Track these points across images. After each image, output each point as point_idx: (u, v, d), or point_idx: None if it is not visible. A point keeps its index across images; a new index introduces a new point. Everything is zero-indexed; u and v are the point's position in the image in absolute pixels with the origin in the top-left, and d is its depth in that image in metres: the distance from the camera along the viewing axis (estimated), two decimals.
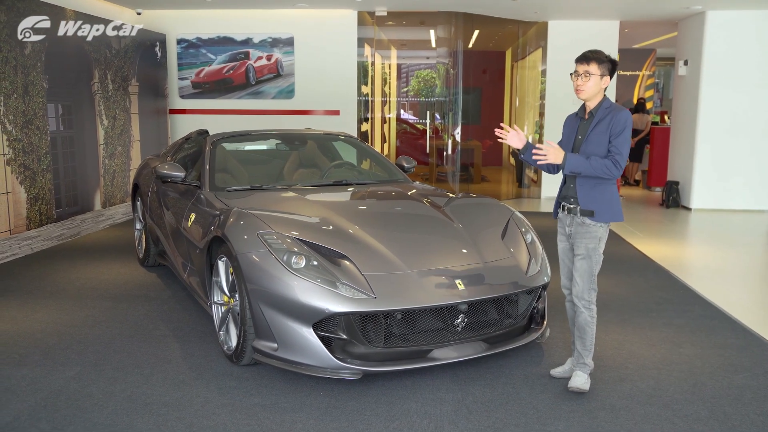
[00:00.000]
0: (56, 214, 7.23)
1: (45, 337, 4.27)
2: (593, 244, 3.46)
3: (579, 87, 3.46)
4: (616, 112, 3.40)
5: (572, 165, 3.38)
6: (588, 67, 3.43)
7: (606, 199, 3.44)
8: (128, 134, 8.89)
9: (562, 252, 3.66)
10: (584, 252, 3.47)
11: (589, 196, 3.44)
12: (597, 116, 3.46)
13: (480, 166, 13.50)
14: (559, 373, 3.70)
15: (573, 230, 3.53)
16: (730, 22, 9.65)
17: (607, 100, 3.49)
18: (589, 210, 3.44)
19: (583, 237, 3.48)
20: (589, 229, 3.46)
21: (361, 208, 4.54)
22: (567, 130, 3.65)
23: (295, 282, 3.41)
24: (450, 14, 10.71)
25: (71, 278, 5.71)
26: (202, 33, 10.38)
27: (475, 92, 15.83)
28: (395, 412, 3.27)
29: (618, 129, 3.37)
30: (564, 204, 3.58)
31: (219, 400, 3.39)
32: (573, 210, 3.51)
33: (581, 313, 3.51)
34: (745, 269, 6.75)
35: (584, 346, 3.52)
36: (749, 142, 9.87)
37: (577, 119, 3.59)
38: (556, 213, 3.68)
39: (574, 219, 3.51)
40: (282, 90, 10.43)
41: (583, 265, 3.47)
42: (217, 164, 4.99)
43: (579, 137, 3.52)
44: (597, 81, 3.43)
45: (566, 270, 3.66)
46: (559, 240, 3.67)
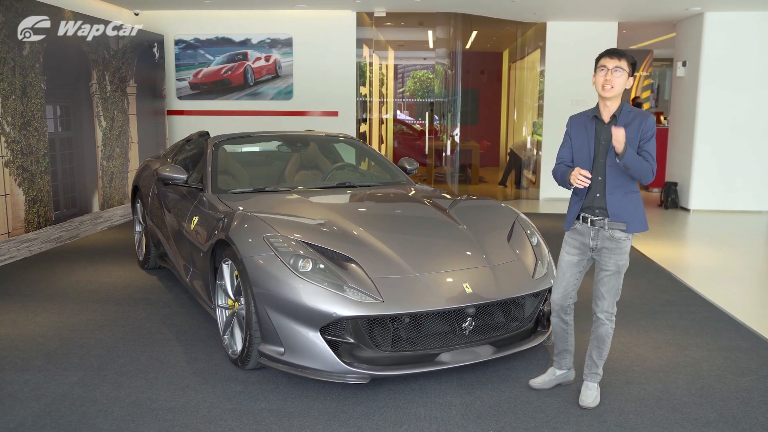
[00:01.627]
0: (54, 216, 7.18)
1: (46, 341, 4.23)
2: (623, 260, 3.28)
3: (608, 82, 3.19)
4: (644, 116, 3.22)
5: (629, 158, 3.10)
6: (619, 62, 3.19)
7: (636, 209, 3.26)
8: (126, 135, 8.85)
9: (568, 266, 3.41)
10: (614, 269, 3.28)
11: (621, 206, 3.23)
12: (621, 120, 3.23)
13: (478, 167, 13.50)
14: (539, 385, 3.55)
15: (599, 245, 3.30)
16: (728, 24, 9.66)
17: (626, 103, 3.31)
18: (621, 222, 3.23)
19: (612, 253, 3.27)
20: (619, 244, 3.25)
21: (366, 210, 4.51)
22: (580, 134, 3.35)
23: (302, 286, 3.38)
24: (449, 15, 10.70)
25: (71, 281, 5.67)
26: (200, 34, 10.34)
27: (473, 93, 15.83)
28: (403, 417, 3.25)
29: (650, 134, 3.19)
30: (586, 216, 3.32)
31: (225, 405, 3.36)
32: (599, 222, 3.26)
33: (603, 325, 3.35)
34: (746, 270, 6.75)
35: (600, 355, 3.41)
36: (748, 143, 9.89)
37: (593, 122, 3.32)
38: (570, 224, 3.41)
39: (600, 232, 3.28)
40: (280, 91, 10.40)
41: (611, 281, 3.30)
42: (220, 166, 4.95)
43: (602, 142, 3.26)
44: (625, 78, 3.21)
45: (565, 285, 3.43)
46: (568, 252, 3.42)
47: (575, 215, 3.38)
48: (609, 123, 3.26)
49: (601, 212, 3.28)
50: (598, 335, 3.40)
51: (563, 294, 3.45)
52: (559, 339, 3.57)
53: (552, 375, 3.58)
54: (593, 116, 3.33)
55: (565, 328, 3.53)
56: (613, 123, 3.25)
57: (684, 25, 10.47)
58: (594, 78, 3.31)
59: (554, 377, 3.58)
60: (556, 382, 3.59)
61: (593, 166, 3.30)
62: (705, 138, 9.92)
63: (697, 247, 7.72)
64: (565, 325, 3.52)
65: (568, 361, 3.59)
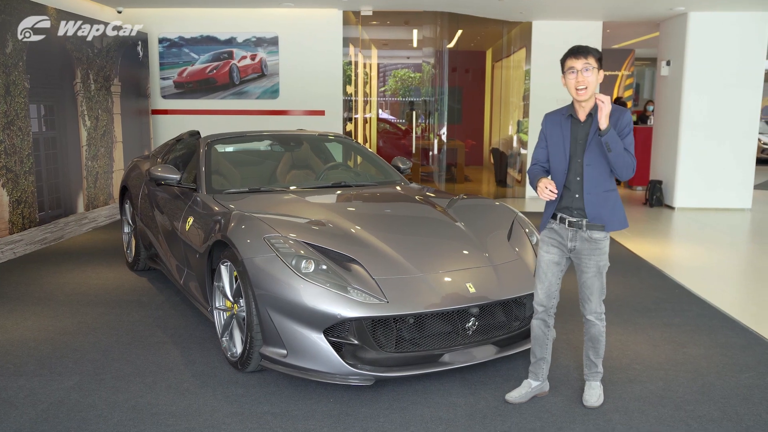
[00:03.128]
0: (39, 217, 7.05)
1: (39, 346, 4.14)
2: (604, 260, 3.24)
3: (581, 84, 3.09)
4: (621, 112, 3.13)
5: (612, 137, 3.03)
6: (587, 60, 3.09)
7: (615, 208, 3.22)
8: (111, 135, 8.72)
9: (547, 266, 3.32)
10: (595, 270, 3.24)
11: (599, 206, 3.18)
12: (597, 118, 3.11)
13: (463, 166, 13.52)
14: (516, 399, 3.39)
15: (577, 246, 3.25)
16: (712, 23, 9.76)
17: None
18: (600, 222, 3.19)
19: (592, 254, 3.23)
20: (598, 245, 3.22)
21: (364, 210, 4.48)
22: (555, 133, 3.27)
23: (305, 287, 3.33)
24: (435, 14, 10.70)
25: (59, 283, 5.56)
26: (185, 32, 10.22)
27: (457, 92, 15.86)
28: (409, 418, 3.22)
29: (627, 130, 3.13)
30: (563, 216, 3.26)
31: (227, 408, 3.31)
32: (577, 223, 3.21)
33: (594, 326, 3.32)
34: (734, 268, 6.82)
35: (597, 354, 3.38)
36: (731, 142, 10.00)
37: (568, 120, 3.23)
38: (546, 224, 3.35)
39: (578, 233, 3.23)
40: (266, 90, 10.31)
41: (596, 283, 3.26)
42: (213, 166, 4.89)
43: (579, 141, 3.18)
44: (596, 75, 3.11)
45: (547, 285, 3.34)
46: (546, 251, 3.33)
47: (550, 215, 3.31)
48: (585, 122, 3.19)
49: (579, 213, 3.22)
50: (592, 336, 3.36)
51: (547, 294, 3.36)
52: (539, 345, 3.43)
53: (528, 387, 3.44)
54: (568, 115, 3.24)
55: (546, 332, 3.41)
56: (589, 121, 3.18)
57: (667, 25, 10.56)
58: (564, 81, 3.20)
59: (530, 389, 3.44)
60: (533, 394, 3.45)
61: (570, 166, 3.23)
62: (689, 137, 10.02)
63: (683, 245, 7.79)
64: (546, 329, 3.41)
65: (545, 371, 3.47)
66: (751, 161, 10.12)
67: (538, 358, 3.46)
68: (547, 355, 3.47)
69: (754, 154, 10.14)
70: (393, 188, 5.04)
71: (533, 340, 3.45)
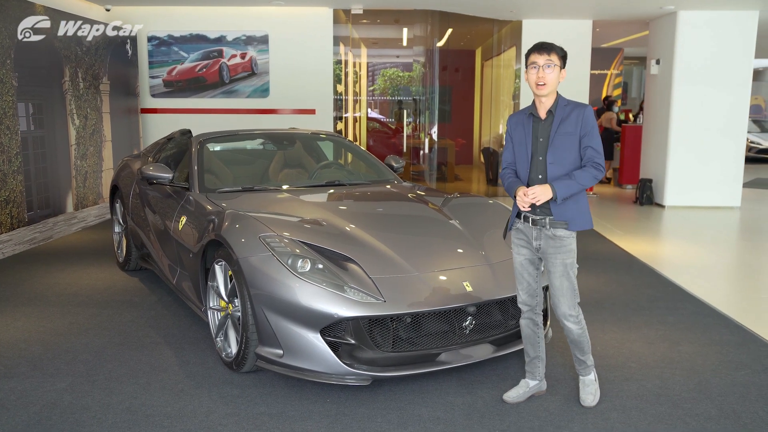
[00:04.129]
0: (28, 217, 6.97)
1: (29, 347, 4.08)
2: (570, 258, 3.19)
3: (541, 79, 3.11)
4: (580, 108, 3.13)
5: (565, 192, 3.08)
6: (549, 57, 3.11)
7: (579, 207, 3.17)
8: (100, 134, 8.63)
9: (521, 266, 3.31)
10: (562, 269, 3.18)
11: (563, 205, 3.13)
12: (558, 115, 3.15)
13: (453, 165, 13.52)
14: (514, 399, 3.38)
15: (542, 244, 3.20)
16: (701, 22, 9.81)
17: (562, 97, 3.20)
18: (563, 221, 3.14)
19: (557, 253, 3.17)
20: (563, 242, 3.16)
21: (359, 209, 4.45)
22: (519, 133, 3.27)
23: (302, 286, 3.30)
24: (426, 12, 10.68)
25: (49, 284, 5.49)
26: (174, 30, 10.14)
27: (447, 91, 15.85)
28: (407, 418, 3.20)
29: (589, 127, 3.11)
30: (526, 215, 3.22)
31: (223, 409, 3.27)
32: (541, 222, 3.17)
33: (571, 330, 3.25)
34: (726, 265, 6.85)
35: (583, 352, 3.33)
36: (720, 140, 10.05)
37: (530, 119, 3.24)
38: (512, 224, 3.31)
39: (542, 231, 3.19)
40: (257, 89, 10.26)
41: (564, 283, 3.19)
42: (205, 165, 4.84)
43: (540, 140, 3.18)
44: (558, 73, 3.12)
45: (526, 285, 3.32)
46: (518, 252, 3.31)
47: (515, 214, 3.29)
48: (546, 119, 3.19)
49: (543, 211, 3.18)
50: (572, 340, 3.30)
51: (528, 293, 3.34)
52: (530, 344, 3.41)
53: (525, 387, 3.43)
54: (530, 113, 3.25)
55: (535, 330, 3.39)
56: (550, 119, 3.17)
57: (657, 24, 10.60)
58: (526, 75, 3.20)
59: (528, 389, 3.42)
60: (530, 393, 3.43)
61: (531, 164, 3.21)
62: (679, 135, 10.06)
63: (675, 243, 7.82)
64: (536, 327, 3.39)
65: (541, 369, 3.45)
66: (740, 159, 10.18)
67: (532, 357, 3.45)
68: (541, 353, 3.46)
69: (743, 152, 10.21)
70: (387, 187, 5.02)
71: (525, 340, 3.44)
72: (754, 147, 18.62)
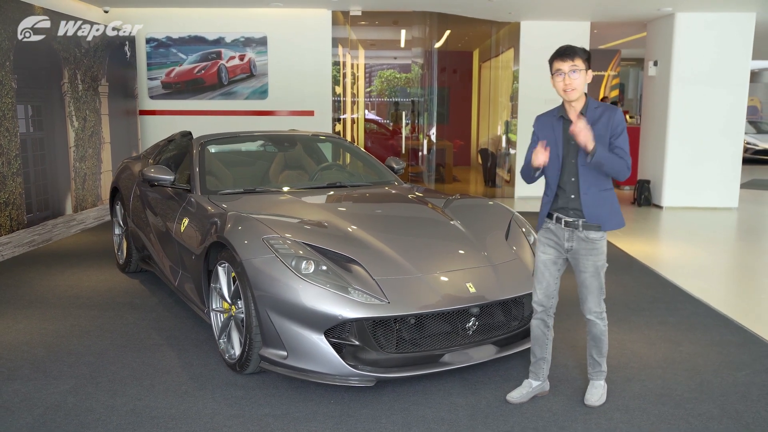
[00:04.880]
0: (27, 219, 6.96)
1: (32, 349, 4.08)
2: (601, 260, 3.24)
3: (569, 86, 3.13)
4: (611, 111, 3.16)
5: (601, 153, 3.04)
6: (574, 62, 3.11)
7: (611, 207, 3.22)
8: (99, 136, 8.63)
9: (545, 265, 3.33)
10: (593, 270, 3.23)
11: (596, 207, 3.17)
12: (588, 118, 3.15)
13: (451, 167, 13.54)
14: (517, 399, 3.40)
15: (574, 246, 3.24)
16: (699, 24, 9.84)
17: (591, 99, 3.23)
18: (596, 222, 3.18)
19: (589, 254, 3.22)
20: (595, 245, 3.21)
21: (361, 210, 4.46)
22: (548, 134, 3.27)
23: (306, 288, 3.31)
24: (425, 14, 10.70)
25: (50, 286, 5.49)
26: (172, 32, 10.14)
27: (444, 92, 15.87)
28: (411, 419, 3.21)
29: (619, 129, 3.13)
30: (559, 216, 3.26)
31: (227, 411, 3.28)
32: (573, 223, 3.22)
33: (595, 325, 3.31)
34: (725, 266, 6.88)
35: (600, 353, 3.38)
36: (718, 142, 10.09)
37: (560, 121, 3.25)
38: (541, 224, 3.36)
39: (575, 233, 3.22)
40: (255, 90, 10.26)
41: (593, 282, 3.25)
42: (207, 167, 4.85)
43: (572, 142, 3.18)
44: (584, 76, 3.14)
45: (545, 285, 3.34)
46: (543, 251, 3.34)
47: (546, 215, 3.32)
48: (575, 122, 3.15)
49: (576, 213, 3.22)
50: (594, 335, 3.36)
51: (545, 294, 3.36)
52: (539, 345, 3.44)
53: (528, 387, 3.45)
54: (560, 116, 3.26)
55: (545, 332, 3.41)
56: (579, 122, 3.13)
57: (655, 25, 10.63)
58: (552, 82, 3.21)
59: (531, 389, 3.44)
60: (533, 394, 3.45)
61: (563, 168, 3.23)
62: (676, 136, 10.10)
63: (673, 244, 7.84)
64: (546, 329, 3.41)
65: (545, 371, 3.47)
66: (738, 160, 10.22)
67: (538, 358, 3.46)
68: (547, 354, 3.47)
69: (741, 153, 10.25)
70: (388, 188, 5.03)
71: (533, 340, 3.46)
72: (750, 148, 18.69)
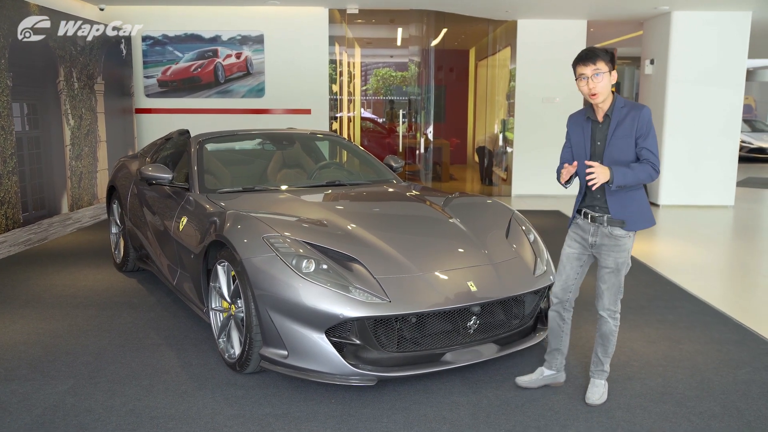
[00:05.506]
0: (23, 218, 6.92)
1: (29, 349, 4.05)
2: (623, 257, 3.24)
3: (593, 90, 3.15)
4: (637, 110, 3.15)
5: (621, 180, 3.09)
6: (596, 66, 3.13)
7: (638, 206, 3.22)
8: (95, 134, 8.58)
9: (567, 259, 3.40)
10: (613, 266, 3.25)
11: (622, 204, 3.19)
12: (614, 118, 3.18)
13: (448, 165, 13.53)
14: (525, 383, 3.50)
15: (598, 241, 3.28)
16: (695, 23, 9.85)
17: (619, 99, 3.22)
18: (620, 219, 3.20)
19: (611, 250, 3.24)
20: (618, 242, 3.22)
21: (361, 209, 4.44)
22: (577, 136, 3.33)
23: (307, 287, 3.29)
24: (422, 12, 10.68)
25: (46, 285, 5.46)
26: (169, 30, 10.10)
27: (441, 91, 15.86)
28: (413, 418, 3.20)
29: (645, 129, 3.13)
30: (587, 212, 3.31)
31: (228, 411, 3.26)
32: (599, 219, 3.24)
33: (606, 323, 3.33)
34: (722, 264, 6.89)
35: (606, 353, 3.38)
36: (714, 140, 10.11)
37: (588, 122, 3.29)
38: (572, 220, 3.42)
39: (600, 229, 3.25)
40: (252, 89, 10.23)
41: (612, 278, 3.27)
42: (205, 165, 4.82)
43: (598, 143, 3.23)
44: (608, 78, 3.14)
45: (564, 278, 3.41)
46: (569, 245, 3.41)
47: (576, 211, 3.38)
48: (603, 123, 3.24)
49: (602, 209, 3.25)
50: (602, 333, 3.37)
51: (563, 287, 3.42)
52: (554, 336, 3.51)
53: (540, 375, 3.52)
54: (587, 117, 3.30)
55: (561, 324, 3.48)
56: (607, 122, 3.21)
57: (651, 24, 10.64)
58: (577, 85, 3.26)
59: (542, 377, 3.52)
60: (544, 382, 3.51)
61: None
62: (673, 135, 10.11)
63: (671, 242, 7.85)
64: (562, 322, 3.48)
65: (559, 362, 3.52)
66: (734, 159, 10.25)
67: (552, 348, 3.53)
68: (563, 346, 3.53)
69: (737, 151, 10.27)
70: (387, 187, 5.01)
71: (549, 331, 3.55)
72: (746, 146, 18.73)
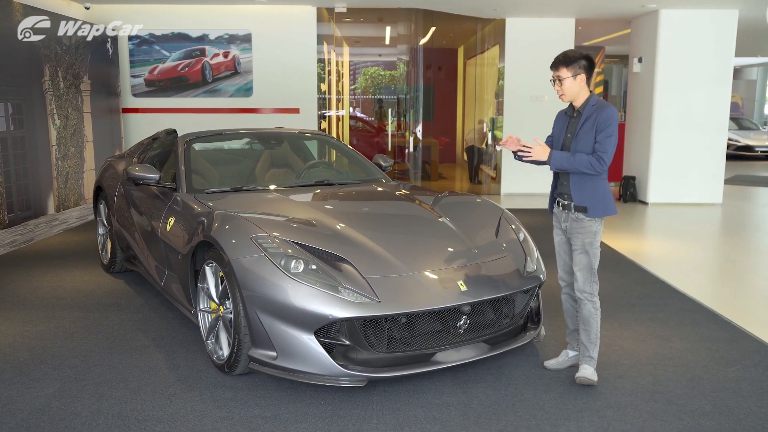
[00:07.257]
0: (8, 219, 6.84)
1: (14, 352, 4.00)
2: (589, 239, 3.53)
3: (559, 92, 3.57)
4: (602, 109, 3.47)
5: (557, 162, 3.49)
6: (558, 72, 3.53)
7: (599, 195, 3.51)
8: (81, 134, 8.50)
9: (559, 245, 3.73)
10: (581, 247, 3.54)
11: (582, 192, 3.51)
12: (584, 114, 3.53)
13: (437, 164, 13.52)
14: (553, 365, 3.77)
15: (568, 225, 3.60)
16: (683, 21, 9.89)
17: (593, 97, 3.54)
18: (583, 206, 3.51)
19: (578, 232, 3.55)
20: (583, 224, 3.53)
21: (350, 208, 4.41)
22: (557, 128, 3.71)
23: (295, 287, 3.26)
24: (410, 11, 10.65)
25: (32, 287, 5.39)
26: (155, 29, 10.02)
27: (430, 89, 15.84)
28: (403, 419, 3.17)
29: (602, 126, 3.43)
30: (559, 200, 3.65)
31: (216, 413, 3.22)
32: (567, 206, 3.58)
33: (584, 305, 3.56)
34: (711, 261, 6.91)
35: (589, 338, 3.57)
36: (702, 138, 10.16)
37: (566, 117, 3.66)
38: (551, 208, 3.75)
39: (569, 215, 3.58)
40: (240, 88, 10.17)
41: (582, 259, 3.55)
42: (193, 165, 4.78)
43: (569, 135, 3.60)
44: (571, 82, 3.50)
45: (563, 263, 3.73)
46: (555, 234, 3.74)
47: (553, 200, 3.72)
48: (575, 118, 3.59)
49: (569, 197, 3.57)
50: (582, 316, 3.59)
51: (564, 270, 3.73)
52: (570, 317, 3.78)
53: (565, 356, 3.78)
54: (566, 112, 3.69)
55: (574, 305, 3.72)
56: (578, 118, 3.56)
57: (639, 22, 10.67)
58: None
59: (567, 358, 3.77)
60: (570, 363, 3.76)
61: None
62: (661, 133, 10.15)
63: (660, 240, 7.87)
64: (574, 303, 3.70)
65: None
66: (722, 156, 10.30)
67: (571, 330, 3.79)
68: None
69: (725, 149, 10.33)
70: (376, 186, 4.98)
71: (564, 313, 3.82)
72: (733, 144, 18.83)
